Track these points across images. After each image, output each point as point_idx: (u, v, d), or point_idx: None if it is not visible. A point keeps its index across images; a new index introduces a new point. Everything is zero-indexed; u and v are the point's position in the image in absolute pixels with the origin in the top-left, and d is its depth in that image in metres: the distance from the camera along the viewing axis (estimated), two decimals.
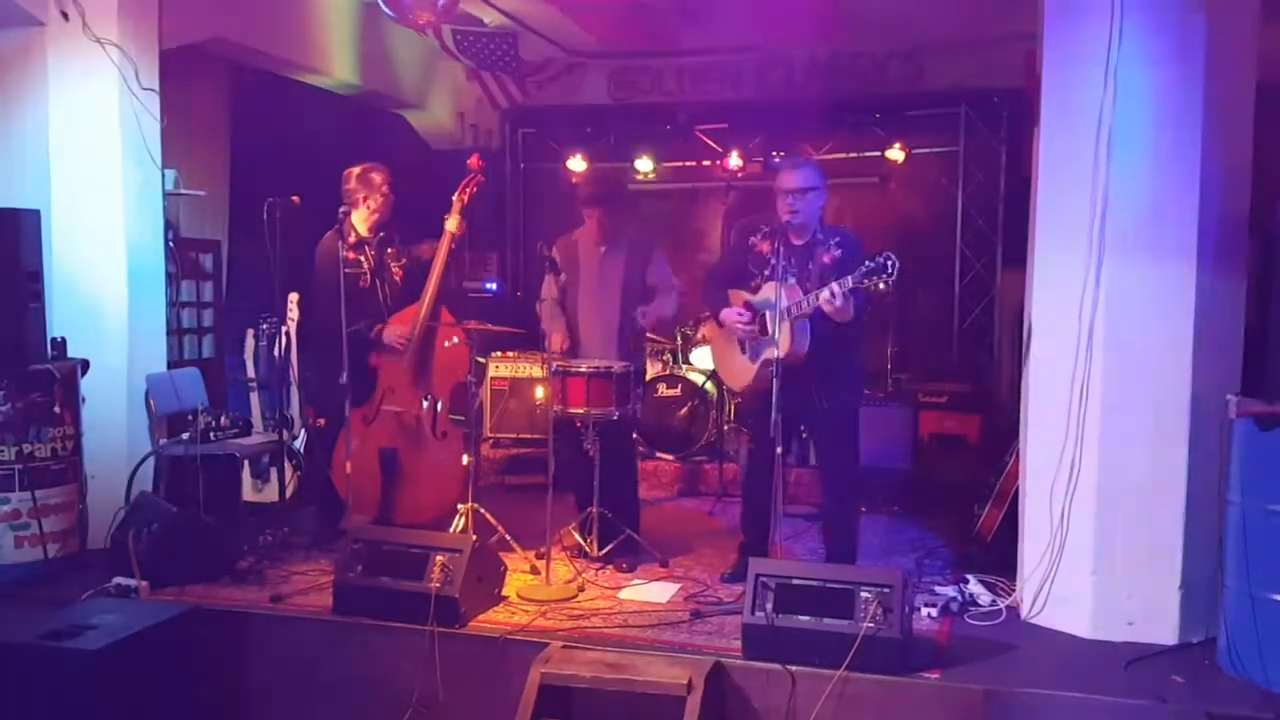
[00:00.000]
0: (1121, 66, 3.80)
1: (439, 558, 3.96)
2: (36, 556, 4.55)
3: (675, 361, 7.26)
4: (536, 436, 6.61)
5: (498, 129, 9.29)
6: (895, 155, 8.18)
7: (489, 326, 4.99)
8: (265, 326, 5.70)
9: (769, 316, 4.29)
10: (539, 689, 3.50)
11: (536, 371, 6.69)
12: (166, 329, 5.59)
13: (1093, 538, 3.96)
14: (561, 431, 4.90)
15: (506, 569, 4.42)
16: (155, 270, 5.39)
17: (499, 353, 6.89)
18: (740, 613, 3.75)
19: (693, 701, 3.38)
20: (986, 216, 8.19)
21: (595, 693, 3.54)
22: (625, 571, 4.74)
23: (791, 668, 3.54)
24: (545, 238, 5.06)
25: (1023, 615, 4.15)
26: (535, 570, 4.60)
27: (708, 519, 6.02)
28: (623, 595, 4.42)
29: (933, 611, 4.13)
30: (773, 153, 8.37)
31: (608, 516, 4.82)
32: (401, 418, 5.00)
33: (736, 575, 4.46)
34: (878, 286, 3.89)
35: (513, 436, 6.84)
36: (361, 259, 5.02)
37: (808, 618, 3.59)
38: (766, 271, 4.37)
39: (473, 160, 5.11)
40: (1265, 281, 3.73)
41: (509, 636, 3.85)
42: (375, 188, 5.02)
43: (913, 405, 6.59)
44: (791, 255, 4.29)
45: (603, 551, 4.81)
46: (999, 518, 4.75)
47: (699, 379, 6.91)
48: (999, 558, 4.55)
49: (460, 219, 5.05)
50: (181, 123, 5.88)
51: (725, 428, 7.03)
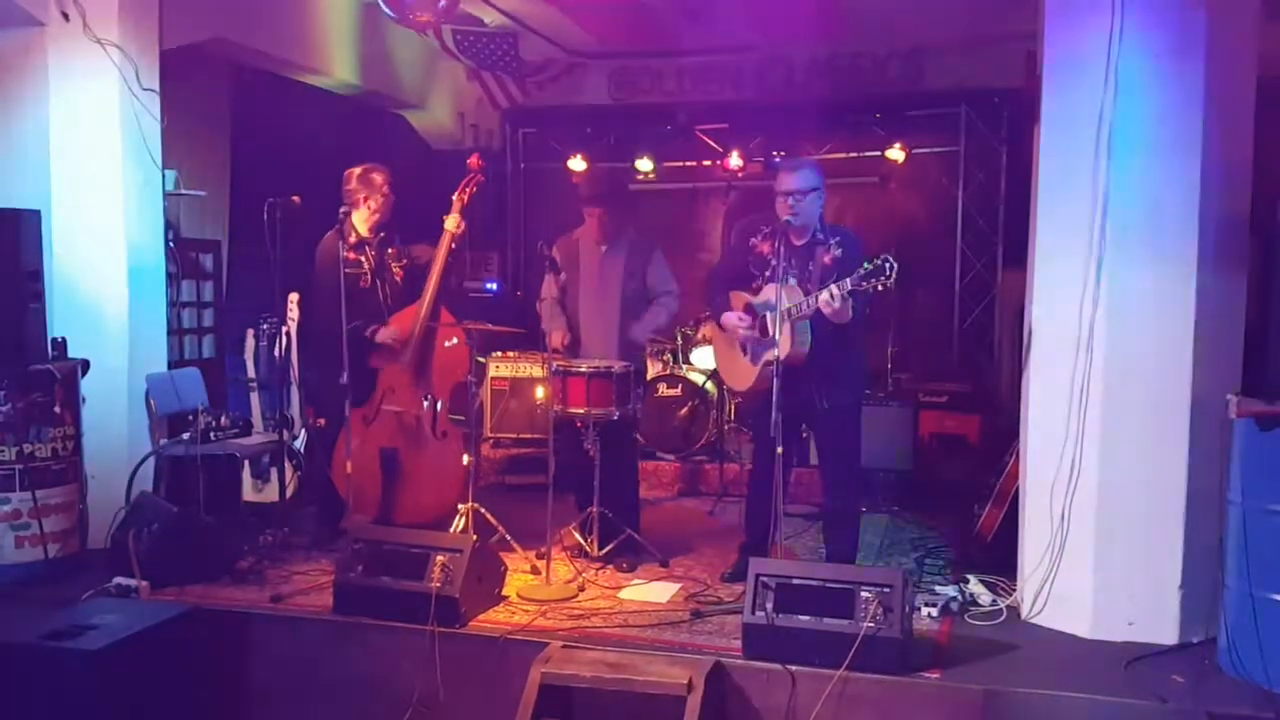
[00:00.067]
0: (1122, 65, 3.80)
1: (439, 558, 3.96)
2: (37, 556, 4.55)
3: (676, 361, 7.26)
4: (537, 436, 6.61)
5: (498, 129, 9.30)
6: (896, 155, 8.19)
7: (489, 326, 4.99)
8: (265, 326, 5.70)
9: (769, 318, 4.29)
10: (539, 689, 3.50)
11: (537, 371, 6.68)
12: (167, 329, 5.60)
13: (1093, 538, 3.96)
14: (562, 431, 4.90)
15: (507, 569, 4.42)
16: (156, 270, 5.39)
17: (499, 353, 6.89)
18: (740, 612, 3.75)
19: (693, 701, 3.38)
20: (987, 216, 8.19)
21: (595, 692, 3.54)
22: (625, 571, 4.74)
23: (791, 667, 3.54)
24: (546, 237, 5.05)
25: (1023, 615, 4.15)
26: (535, 570, 4.60)
27: (708, 519, 6.02)
28: (623, 595, 4.42)
29: (933, 611, 4.13)
30: (773, 152, 8.37)
31: (608, 516, 4.82)
32: (402, 418, 5.00)
33: (737, 575, 4.46)
34: (876, 289, 3.91)
35: (513, 436, 6.84)
36: (362, 259, 5.02)
37: (808, 617, 3.59)
38: (767, 273, 4.38)
39: (472, 160, 5.11)
40: (1265, 281, 3.73)
41: (509, 636, 3.85)
42: (376, 188, 5.02)
43: (913, 405, 6.58)
44: (792, 256, 4.29)
45: (603, 551, 4.81)
46: (999, 517, 4.75)
47: (699, 379, 6.90)
48: (999, 557, 4.55)
49: (460, 218, 5.05)
50: (182, 123, 5.87)
51: (726, 428, 7.03)
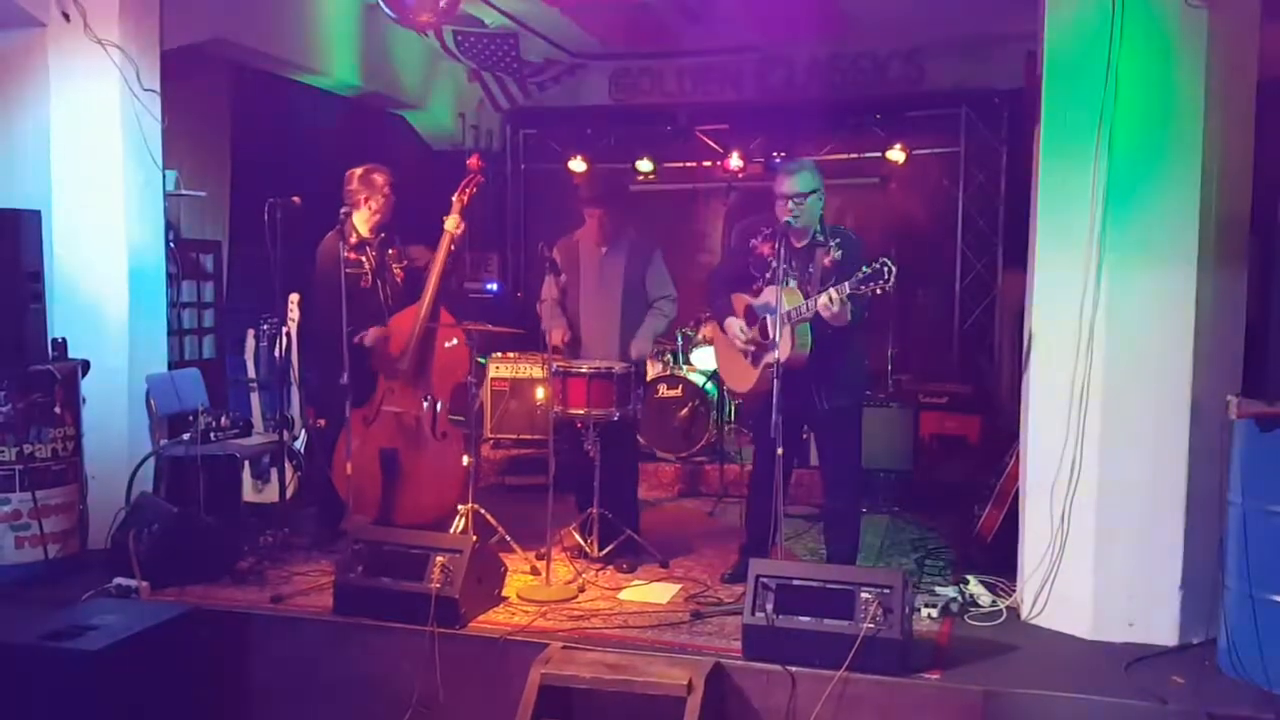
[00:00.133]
0: (1122, 65, 3.80)
1: (439, 558, 3.96)
2: (37, 557, 4.55)
3: (676, 362, 7.26)
4: (537, 437, 6.61)
5: (499, 130, 9.31)
6: (896, 156, 8.19)
7: (489, 327, 4.99)
8: (266, 327, 5.69)
9: (770, 321, 4.29)
10: (539, 689, 3.50)
11: (537, 372, 6.68)
12: (167, 329, 5.60)
13: (1093, 538, 3.95)
14: (562, 432, 4.90)
15: (507, 569, 4.42)
16: (156, 271, 5.39)
17: (499, 353, 6.88)
18: (740, 613, 3.75)
19: (693, 702, 3.38)
20: (987, 217, 8.19)
21: (595, 693, 3.54)
22: (625, 572, 4.74)
23: (791, 668, 3.54)
24: (546, 239, 5.06)
25: (1023, 616, 4.15)
26: (535, 571, 4.60)
27: (708, 519, 6.02)
28: (623, 596, 4.42)
29: (933, 612, 4.13)
30: (773, 153, 8.37)
31: (608, 517, 4.82)
32: (402, 418, 5.00)
33: (737, 576, 4.46)
34: (875, 292, 3.91)
35: (513, 437, 6.84)
36: (363, 259, 5.02)
37: (808, 618, 3.59)
38: (767, 274, 4.37)
39: (472, 160, 5.11)
40: (1265, 281, 3.72)
41: (509, 637, 3.85)
42: (377, 189, 5.01)
43: (913, 406, 6.58)
44: (792, 257, 4.29)
45: (603, 552, 4.81)
46: (999, 518, 4.75)
47: (700, 380, 6.90)
48: (999, 558, 4.55)
49: (460, 219, 5.05)
50: (182, 123, 5.88)
51: (726, 429, 7.03)
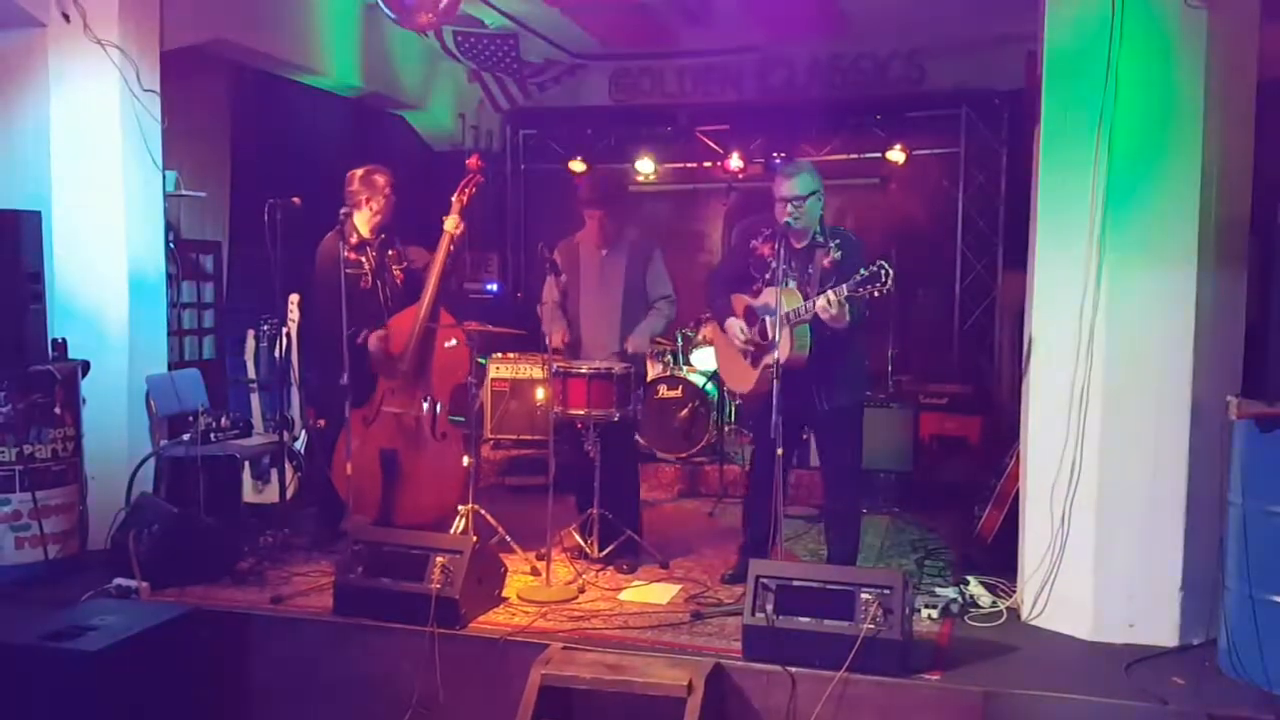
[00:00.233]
0: (1122, 65, 3.80)
1: (439, 559, 3.96)
2: (37, 557, 4.55)
3: (676, 363, 7.26)
4: (537, 438, 6.61)
5: (499, 130, 9.31)
6: (896, 156, 8.18)
7: (489, 327, 4.99)
8: (266, 327, 5.69)
9: (769, 322, 4.29)
10: (539, 690, 3.50)
11: (537, 373, 6.68)
12: (167, 330, 5.60)
13: (1093, 539, 3.95)
14: (562, 433, 4.90)
15: (507, 570, 4.42)
16: (156, 271, 5.40)
17: (499, 354, 6.88)
18: (740, 614, 3.75)
19: (693, 703, 3.38)
20: (987, 218, 8.19)
21: (595, 694, 3.54)
22: (626, 573, 4.74)
23: (792, 669, 3.54)
24: (546, 239, 5.05)
25: (1023, 617, 4.15)
26: (535, 571, 4.60)
27: (708, 520, 6.01)
28: (623, 596, 4.42)
29: (933, 613, 4.12)
30: (774, 154, 8.37)
31: (608, 518, 4.82)
32: (401, 419, 5.00)
33: (737, 576, 4.45)
34: (873, 294, 3.92)
35: (513, 438, 6.84)
36: (363, 260, 5.02)
37: (808, 619, 3.59)
38: (767, 275, 4.37)
39: (471, 160, 5.11)
40: (1265, 281, 3.72)
41: (509, 638, 3.85)
42: (378, 190, 5.01)
43: (914, 407, 6.59)
44: (792, 258, 4.29)
45: (603, 553, 4.81)
46: (1000, 519, 4.75)
47: (700, 380, 6.90)
48: (999, 559, 4.55)
49: (459, 219, 5.04)
50: (182, 124, 5.88)
51: (726, 429, 7.02)
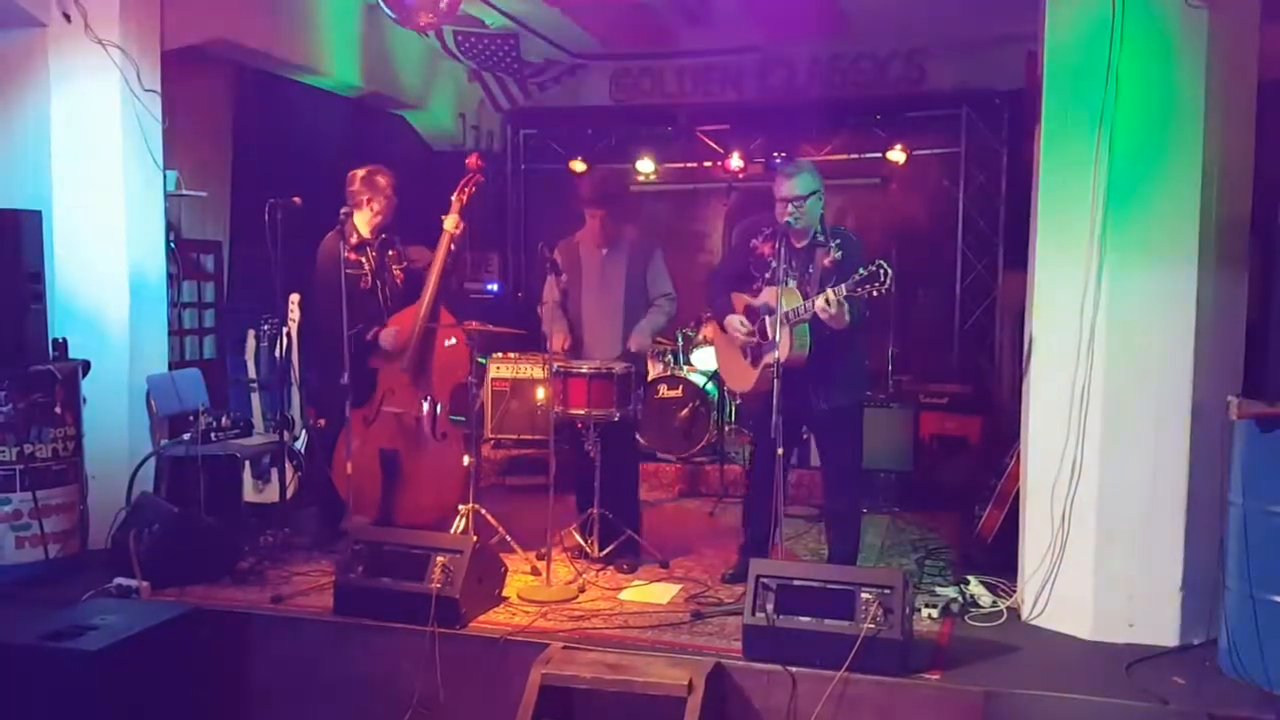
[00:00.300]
0: (1122, 65, 3.80)
1: (440, 559, 3.96)
2: (37, 557, 4.55)
3: (676, 363, 7.26)
4: (537, 437, 6.60)
5: (499, 130, 9.31)
6: (896, 156, 8.18)
7: (489, 327, 4.99)
8: (266, 327, 5.69)
9: (769, 321, 4.29)
10: (539, 690, 3.50)
11: (537, 372, 6.67)
12: (167, 330, 5.60)
13: (1094, 539, 3.95)
14: (562, 432, 4.90)
15: (507, 570, 4.42)
16: (156, 271, 5.40)
17: (500, 354, 6.88)
18: (741, 613, 3.75)
19: (693, 702, 3.38)
20: (988, 218, 8.18)
21: (595, 694, 3.54)
22: (626, 572, 4.74)
23: (792, 669, 3.54)
24: (546, 239, 5.05)
25: (1023, 616, 4.15)
26: (536, 571, 4.60)
27: (708, 520, 6.01)
28: (623, 596, 4.42)
29: (933, 612, 4.12)
30: (774, 154, 8.37)
31: (608, 517, 4.82)
32: (402, 419, 5.00)
33: (737, 576, 4.45)
34: (871, 294, 3.92)
35: (513, 437, 6.83)
36: (363, 260, 5.02)
37: (808, 618, 3.59)
38: (767, 274, 4.37)
39: (471, 160, 5.11)
40: (1265, 282, 3.72)
41: (509, 637, 3.85)
42: (380, 190, 5.01)
43: (914, 406, 6.59)
44: (792, 258, 4.29)
45: (603, 552, 4.81)
46: (1000, 519, 4.75)
47: (700, 380, 6.90)
48: (1000, 559, 4.56)
49: (459, 219, 5.04)
50: (183, 123, 5.88)
51: (726, 429, 7.02)
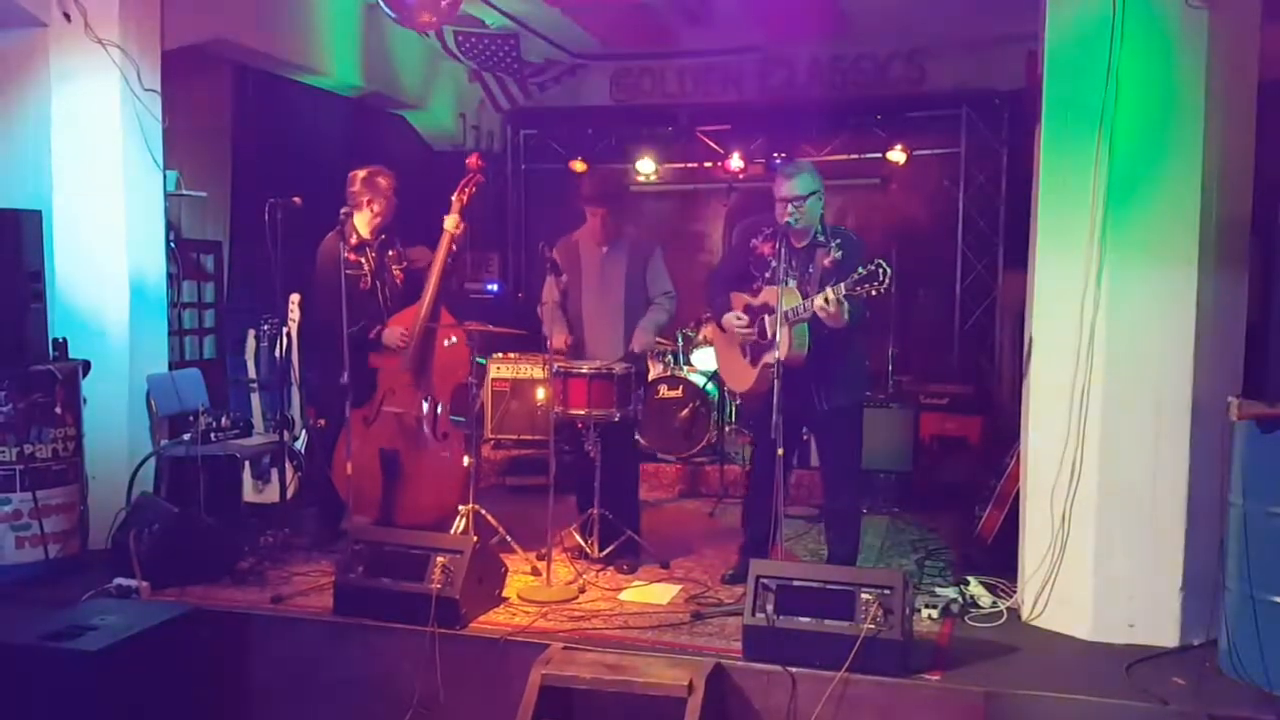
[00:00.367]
0: (1122, 65, 3.80)
1: (440, 559, 3.96)
2: (37, 557, 4.55)
3: (676, 363, 7.26)
4: (537, 438, 6.60)
5: (499, 130, 9.32)
6: (897, 157, 8.18)
7: (489, 327, 4.99)
8: (266, 327, 5.70)
9: (768, 320, 4.29)
10: (539, 690, 3.50)
11: (537, 373, 6.67)
12: (167, 330, 5.60)
13: (1094, 539, 3.95)
14: (562, 433, 4.89)
15: (507, 570, 4.42)
16: (156, 271, 5.39)
17: (500, 354, 6.88)
18: (741, 614, 3.75)
19: (693, 703, 3.37)
20: (988, 218, 8.19)
21: (595, 694, 3.54)
22: (626, 573, 4.73)
23: (792, 669, 3.54)
24: (547, 239, 5.05)
25: (1024, 617, 4.14)
26: (536, 571, 4.60)
27: (708, 520, 6.01)
28: (623, 596, 4.41)
29: (933, 613, 4.12)
30: (774, 154, 8.38)
31: (608, 518, 4.82)
32: (402, 419, 5.00)
33: (737, 576, 4.45)
34: (870, 293, 3.91)
35: (514, 438, 6.83)
36: (362, 261, 5.02)
37: (808, 619, 3.59)
38: (767, 274, 4.37)
39: (471, 160, 5.11)
40: (1266, 282, 3.72)
41: (509, 638, 3.85)
42: (380, 191, 5.00)
43: (914, 407, 6.59)
44: (792, 258, 4.29)
45: (603, 553, 4.80)
46: (1000, 519, 4.75)
47: (700, 380, 6.90)
48: (1000, 559, 4.55)
49: (459, 219, 5.04)
50: (183, 123, 5.88)
51: (726, 429, 7.02)
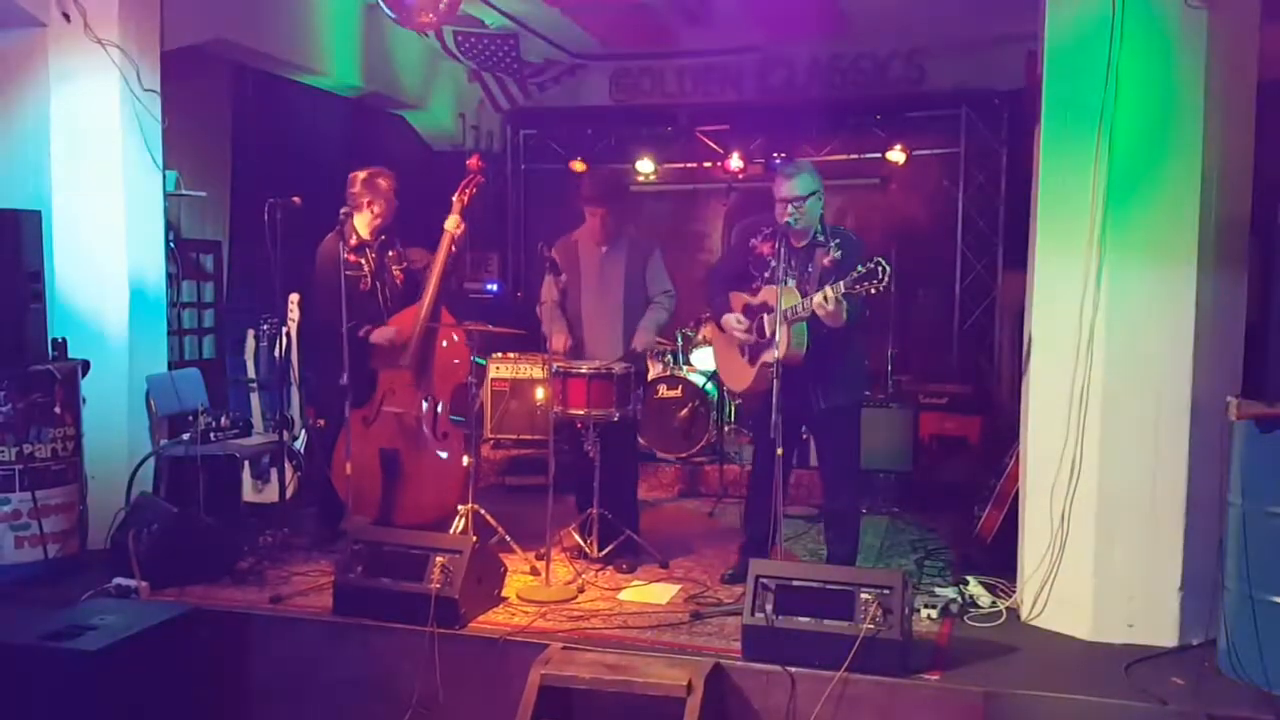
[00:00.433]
0: (1122, 65, 3.80)
1: (439, 559, 3.96)
2: (37, 557, 4.55)
3: (676, 363, 7.26)
4: (537, 438, 6.61)
5: (499, 130, 9.32)
6: (896, 157, 8.19)
7: (489, 327, 4.99)
8: (266, 327, 5.70)
9: (767, 319, 4.29)
10: (539, 690, 3.50)
11: (537, 373, 6.68)
12: (167, 329, 5.60)
13: (1093, 539, 3.95)
14: (562, 433, 4.89)
15: (506, 570, 4.42)
16: (156, 271, 5.39)
17: (499, 354, 6.88)
18: (740, 614, 3.75)
19: (692, 703, 3.38)
20: (987, 218, 8.19)
21: (595, 694, 3.54)
22: (625, 572, 4.73)
23: (791, 669, 3.54)
24: (546, 239, 5.05)
25: (1023, 617, 4.15)
26: (535, 571, 4.60)
27: (708, 520, 6.01)
28: (622, 596, 4.42)
29: (933, 613, 4.12)
30: (774, 154, 8.38)
31: (608, 517, 4.82)
32: (402, 419, 5.00)
33: (736, 576, 4.45)
34: (870, 292, 3.91)
35: (513, 438, 6.83)
36: (362, 261, 5.02)
37: (808, 619, 3.59)
38: (766, 273, 4.37)
39: (472, 160, 5.11)
40: (1265, 282, 3.72)
41: (509, 637, 3.85)
42: (380, 193, 5.00)
43: (913, 407, 6.59)
44: (792, 257, 4.29)
45: (603, 552, 4.80)
46: (999, 519, 4.75)
47: (700, 380, 6.90)
48: (999, 559, 4.55)
49: (460, 219, 5.04)
50: (183, 123, 5.88)
51: (726, 429, 7.03)
